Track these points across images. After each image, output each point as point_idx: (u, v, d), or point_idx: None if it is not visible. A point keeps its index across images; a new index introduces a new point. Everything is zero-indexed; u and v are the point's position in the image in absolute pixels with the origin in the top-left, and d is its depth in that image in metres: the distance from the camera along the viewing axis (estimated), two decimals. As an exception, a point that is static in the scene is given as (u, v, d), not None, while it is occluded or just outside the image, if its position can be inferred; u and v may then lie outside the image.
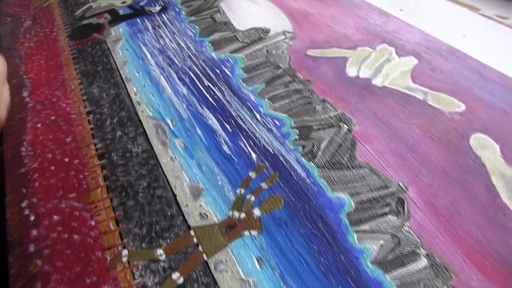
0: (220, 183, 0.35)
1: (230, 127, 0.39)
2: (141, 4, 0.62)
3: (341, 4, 0.56)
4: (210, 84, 0.45)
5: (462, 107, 0.40)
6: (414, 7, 0.63)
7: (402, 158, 0.35)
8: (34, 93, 0.48)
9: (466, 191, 0.32)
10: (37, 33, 0.59)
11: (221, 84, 0.44)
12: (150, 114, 0.42)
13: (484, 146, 0.36)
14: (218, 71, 0.46)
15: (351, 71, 0.44)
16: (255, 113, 0.40)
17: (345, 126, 0.38)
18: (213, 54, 0.49)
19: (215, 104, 0.42)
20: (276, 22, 0.53)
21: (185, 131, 0.40)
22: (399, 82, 0.43)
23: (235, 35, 0.51)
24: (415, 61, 0.45)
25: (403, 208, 0.32)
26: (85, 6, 0.63)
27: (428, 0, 0.64)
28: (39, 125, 0.43)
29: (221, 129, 0.39)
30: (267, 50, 0.48)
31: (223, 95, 0.43)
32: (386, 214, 0.32)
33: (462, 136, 0.37)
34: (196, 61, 0.48)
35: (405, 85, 0.42)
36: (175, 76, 0.46)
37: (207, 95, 0.43)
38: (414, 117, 0.39)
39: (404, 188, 0.33)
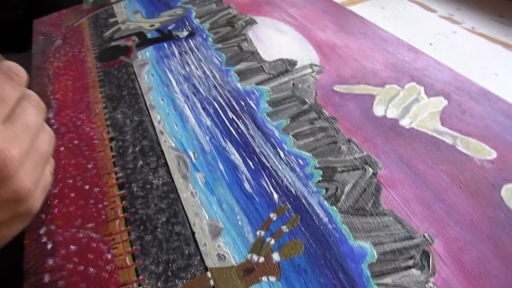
0: (240, 223, 0.34)
1: (253, 164, 0.39)
2: (169, 28, 0.62)
3: (369, 37, 0.55)
4: (234, 117, 0.44)
5: (493, 154, 0.38)
6: (445, 42, 0.62)
7: (428, 207, 0.34)
8: (60, 114, 0.48)
9: (497, 248, 0.31)
10: (66, 52, 0.60)
11: (245, 117, 0.44)
12: (173, 145, 0.42)
13: (516, 199, 0.35)
14: (243, 103, 0.46)
15: (378, 110, 0.43)
16: (279, 150, 0.40)
17: (371, 169, 0.37)
18: (239, 85, 0.49)
19: (238, 138, 0.42)
20: (303, 54, 0.53)
21: (207, 165, 0.39)
22: (428, 124, 0.42)
23: (262, 66, 0.51)
24: (445, 102, 0.44)
25: (428, 262, 0.31)
26: (114, 28, 0.64)
27: (459, 35, 0.63)
28: (62, 149, 0.44)
29: (243, 165, 0.39)
30: (294, 84, 0.48)
31: (247, 129, 0.42)
32: (409, 267, 0.30)
33: (492, 186, 0.36)
34: (221, 91, 0.48)
35: (433, 128, 0.41)
36: (199, 105, 0.46)
37: (231, 128, 0.43)
38: (442, 163, 0.38)
39: (430, 240, 0.32)
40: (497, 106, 0.43)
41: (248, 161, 0.39)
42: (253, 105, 0.45)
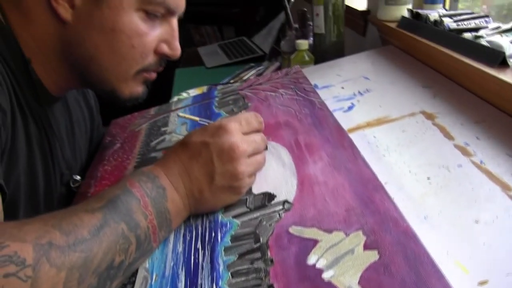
0: None
1: (188, 294, 0.50)
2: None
3: (350, 175, 0.61)
4: (200, 246, 0.56)
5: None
6: (444, 178, 0.64)
7: None
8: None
9: None
10: (117, 157, 0.75)
11: (207, 248, 0.55)
12: (147, 265, 0.55)
13: None
14: (214, 233, 0.57)
15: (312, 259, 0.50)
16: (214, 285, 0.50)
17: (265, 316, 0.45)
18: (220, 216, 0.60)
19: (192, 268, 0.53)
20: (285, 188, 0.62)
21: (159, 288, 0.51)
22: (346, 279, 0.47)
23: (246, 199, 0.61)
24: (376, 257, 0.48)
25: None
26: (160, 138, 0.78)
27: (462, 170, 0.64)
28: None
29: (181, 293, 0.50)
30: (260, 220, 0.57)
31: (203, 260, 0.53)
32: None
33: None
34: (204, 219, 0.60)
35: (348, 285, 0.46)
36: (182, 231, 0.59)
37: (192, 257, 0.54)
38: (334, 323, 0.43)
39: None
40: (424, 270, 0.46)
41: (187, 289, 0.50)
42: (219, 237, 0.56)
